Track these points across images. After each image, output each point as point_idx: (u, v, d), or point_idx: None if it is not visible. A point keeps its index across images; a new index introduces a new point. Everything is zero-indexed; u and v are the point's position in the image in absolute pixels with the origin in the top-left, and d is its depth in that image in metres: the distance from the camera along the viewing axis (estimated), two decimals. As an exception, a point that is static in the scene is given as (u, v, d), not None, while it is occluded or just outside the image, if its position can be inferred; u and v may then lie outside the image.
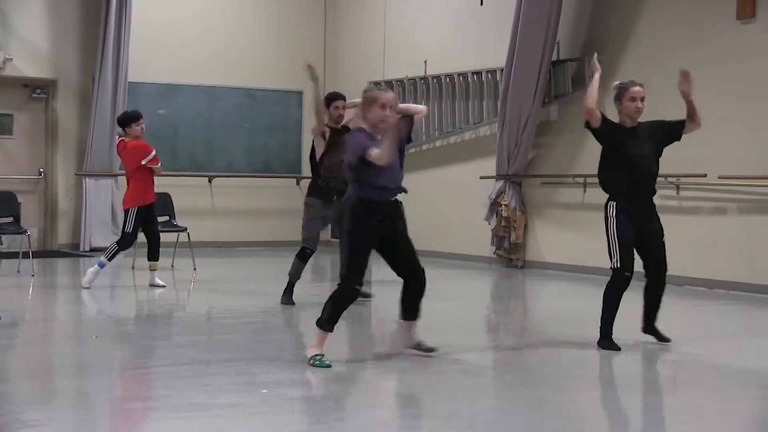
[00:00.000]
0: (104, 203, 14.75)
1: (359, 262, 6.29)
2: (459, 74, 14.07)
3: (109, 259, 10.06)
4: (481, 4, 13.62)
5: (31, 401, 5.35)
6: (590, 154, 12.25)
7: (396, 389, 5.87)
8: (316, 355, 6.17)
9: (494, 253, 13.34)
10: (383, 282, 9.64)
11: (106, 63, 14.43)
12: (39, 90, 14.77)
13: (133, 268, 12.13)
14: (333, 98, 8.99)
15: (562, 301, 10.29)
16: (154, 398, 5.39)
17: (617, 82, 7.41)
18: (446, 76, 14.27)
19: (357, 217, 6.29)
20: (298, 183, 16.33)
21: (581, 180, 12.21)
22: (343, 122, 8.91)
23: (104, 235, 14.67)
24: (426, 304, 9.86)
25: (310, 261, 9.05)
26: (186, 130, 15.65)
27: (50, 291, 10.64)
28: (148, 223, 10.29)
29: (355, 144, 6.25)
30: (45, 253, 14.07)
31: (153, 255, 10.33)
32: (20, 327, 8.25)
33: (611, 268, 6.96)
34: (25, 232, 11.66)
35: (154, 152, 10.12)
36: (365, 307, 9.12)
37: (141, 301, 10.04)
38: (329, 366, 6.09)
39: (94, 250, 14.48)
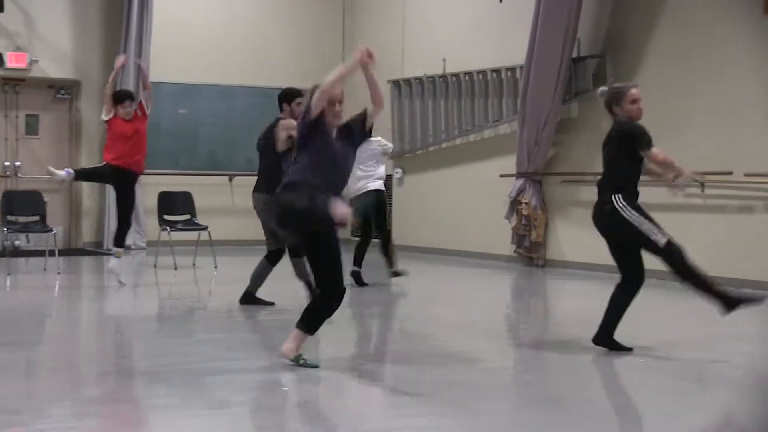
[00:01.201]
0: (127, 202, 14.83)
1: (339, 270, 6.24)
2: (478, 72, 14.07)
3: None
4: (500, 1, 13.62)
5: (57, 397, 5.43)
6: (610, 151, 12.28)
7: (414, 387, 5.90)
8: (300, 355, 6.09)
9: (514, 251, 13.35)
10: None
11: (128, 63, 14.51)
12: (63, 91, 14.90)
13: (155, 266, 12.23)
14: (295, 95, 8.96)
15: (583, 300, 10.29)
16: (176, 395, 5.45)
17: (603, 88, 7.34)
18: (465, 74, 14.28)
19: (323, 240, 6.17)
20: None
21: (601, 178, 12.19)
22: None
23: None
24: (447, 302, 9.91)
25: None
26: (206, 130, 15.74)
27: (75, 289, 10.74)
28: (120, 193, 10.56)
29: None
30: (70, 251, 14.19)
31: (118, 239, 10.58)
32: (46, 324, 8.36)
33: (661, 248, 6.84)
34: (50, 230, 11.79)
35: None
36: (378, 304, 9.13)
37: (163, 299, 10.13)
38: (317, 366, 6.09)
39: (118, 249, 14.59)
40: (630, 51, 12.03)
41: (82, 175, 11.12)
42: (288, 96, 9.04)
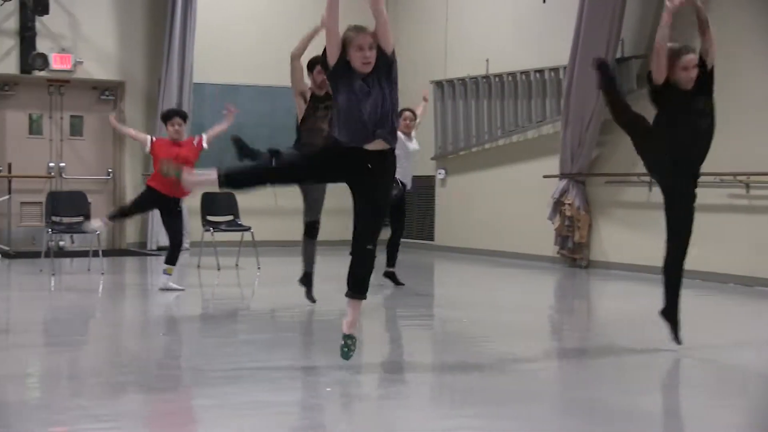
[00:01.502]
0: (170, 203, 14.93)
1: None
2: (521, 72, 14.01)
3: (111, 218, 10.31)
4: (544, 1, 13.54)
5: (100, 396, 5.46)
6: (655, 152, 12.18)
7: (454, 387, 5.87)
8: (348, 337, 5.95)
9: (558, 252, 13.28)
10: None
11: (171, 65, 14.62)
12: (107, 92, 15.03)
13: (198, 266, 12.29)
14: (316, 62, 8.70)
15: (626, 301, 10.21)
16: (220, 395, 5.46)
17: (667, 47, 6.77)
18: (509, 74, 14.22)
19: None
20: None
21: (646, 179, 12.09)
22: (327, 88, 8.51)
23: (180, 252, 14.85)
24: (489, 303, 9.87)
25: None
26: (249, 130, 15.70)
27: (119, 289, 10.82)
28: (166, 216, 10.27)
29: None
30: (113, 251, 14.31)
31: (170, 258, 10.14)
32: (90, 325, 8.42)
33: None
34: (95, 231, 11.87)
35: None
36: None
37: (206, 300, 10.17)
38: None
39: (161, 249, 14.68)
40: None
41: (120, 214, 10.73)
42: (309, 65, 9.00)
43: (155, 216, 14.71)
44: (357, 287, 5.96)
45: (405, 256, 14.93)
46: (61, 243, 14.15)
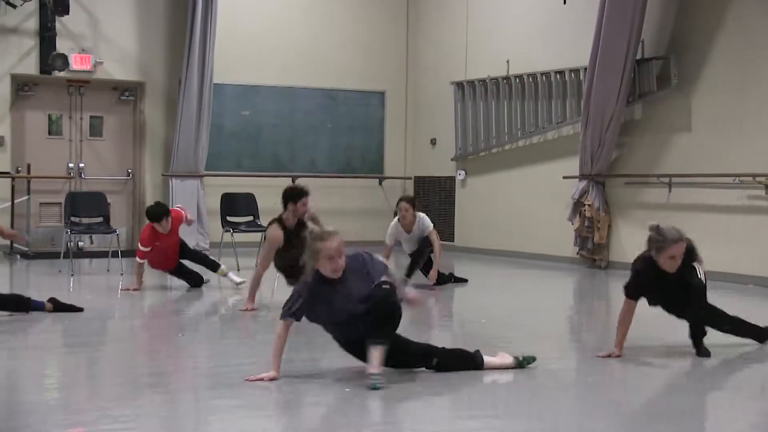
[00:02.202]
0: (190, 203, 14.93)
1: None
2: (542, 74, 13.97)
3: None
4: (564, 2, 13.50)
5: (119, 397, 5.47)
6: (675, 153, 12.15)
7: (472, 388, 5.85)
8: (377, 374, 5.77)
9: (577, 253, 13.23)
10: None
11: (191, 65, 14.64)
12: (127, 92, 15.06)
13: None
14: (300, 195, 8.69)
15: (645, 303, 10.14)
16: (239, 396, 5.46)
17: (653, 233, 6.58)
18: (529, 75, 14.19)
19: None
20: (380, 183, 16.40)
21: (666, 180, 12.06)
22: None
23: (190, 235, 14.88)
24: (508, 303, 9.86)
25: (392, 260, 9.03)
26: (269, 131, 15.82)
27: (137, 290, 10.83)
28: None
29: (301, 291, 5.85)
30: (133, 252, 14.29)
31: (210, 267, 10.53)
32: (108, 325, 8.44)
33: None
34: (114, 231, 11.91)
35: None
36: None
37: (226, 301, 10.18)
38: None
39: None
40: (694, 52, 11.87)
41: None
42: (293, 196, 8.73)
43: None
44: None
45: (424, 257, 14.93)
46: (80, 243, 14.20)
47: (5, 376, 6.12)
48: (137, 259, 10.16)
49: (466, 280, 11.22)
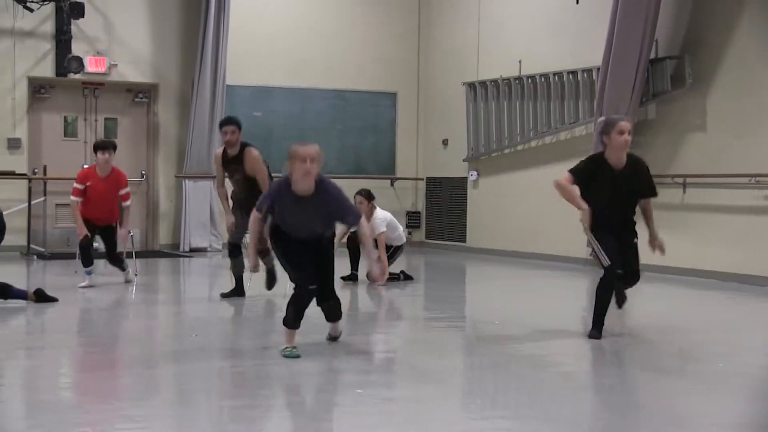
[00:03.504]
0: (203, 205, 15.02)
1: (296, 268, 6.51)
2: (554, 74, 13.96)
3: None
4: (577, 2, 13.49)
5: (133, 397, 5.49)
6: (690, 154, 12.12)
7: (485, 389, 5.86)
8: (287, 347, 6.50)
9: (590, 254, 13.20)
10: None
11: (204, 67, 14.70)
12: (141, 94, 15.12)
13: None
14: (220, 125, 9.73)
15: (660, 303, 10.13)
16: (253, 397, 5.47)
17: (604, 118, 7.41)
18: (541, 75, 14.18)
19: (275, 235, 6.61)
20: (392, 184, 16.41)
21: (680, 180, 12.03)
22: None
23: (203, 236, 14.96)
24: (521, 304, 9.86)
25: (404, 261, 9.06)
26: (280, 132, 15.83)
27: (152, 290, 10.87)
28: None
29: (270, 192, 6.64)
30: (147, 253, 14.38)
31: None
32: (124, 325, 8.47)
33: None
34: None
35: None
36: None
37: (238, 302, 10.20)
38: (299, 356, 6.38)
39: (193, 251, 14.77)
40: (708, 52, 11.84)
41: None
42: (220, 124, 9.90)
43: (188, 218, 14.84)
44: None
45: (437, 257, 14.95)
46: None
47: (21, 376, 6.16)
48: (71, 197, 10.48)
49: (411, 278, 11.36)
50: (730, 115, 11.68)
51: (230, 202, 9.71)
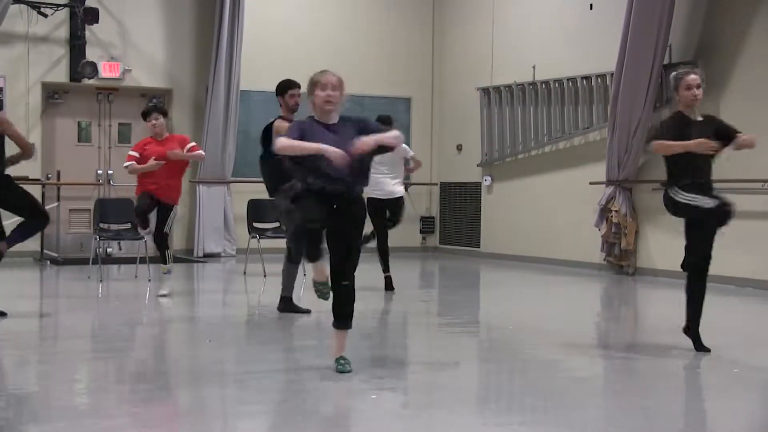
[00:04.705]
0: (217, 210, 15.05)
1: (305, 209, 5.97)
2: (568, 79, 13.95)
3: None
4: (591, 8, 13.48)
5: (147, 402, 5.50)
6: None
7: (499, 394, 5.85)
8: (339, 359, 6.21)
9: (604, 259, 13.19)
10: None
11: (218, 72, 14.73)
12: (155, 99, 15.15)
13: (244, 273, 12.35)
14: (288, 86, 9.14)
15: (674, 308, 10.07)
16: (266, 401, 5.48)
17: (674, 73, 7.31)
18: (555, 81, 14.17)
19: (299, 199, 6.04)
20: (406, 189, 16.37)
21: (694, 185, 11.97)
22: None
23: (217, 241, 14.98)
24: (536, 309, 9.85)
25: (418, 267, 9.06)
26: (295, 138, 15.84)
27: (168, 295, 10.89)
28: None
29: (296, 123, 6.25)
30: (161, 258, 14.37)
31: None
32: (137, 331, 8.49)
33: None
34: (141, 238, 11.94)
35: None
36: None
37: (252, 306, 10.22)
38: (350, 371, 6.11)
39: (207, 256, 14.79)
40: (722, 57, 11.82)
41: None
42: (281, 88, 9.21)
43: (202, 223, 14.86)
44: (342, 321, 6.31)
45: (451, 262, 14.94)
46: (109, 250, 14.30)
47: (36, 381, 6.17)
48: (125, 163, 10.29)
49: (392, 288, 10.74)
50: (743, 120, 11.59)
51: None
